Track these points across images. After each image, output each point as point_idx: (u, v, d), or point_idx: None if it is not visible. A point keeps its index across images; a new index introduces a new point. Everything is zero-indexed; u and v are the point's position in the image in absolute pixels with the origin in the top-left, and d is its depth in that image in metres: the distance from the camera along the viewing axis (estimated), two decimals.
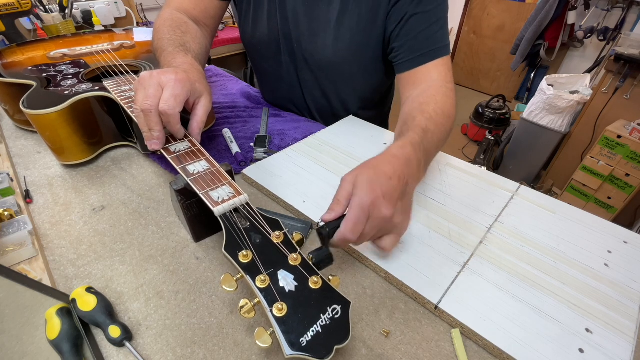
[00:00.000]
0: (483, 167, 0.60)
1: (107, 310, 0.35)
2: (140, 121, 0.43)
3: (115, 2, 1.42)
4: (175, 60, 0.51)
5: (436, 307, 0.37)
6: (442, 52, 0.59)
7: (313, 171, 0.57)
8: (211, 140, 0.66)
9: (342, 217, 0.35)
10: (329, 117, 0.80)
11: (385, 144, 0.66)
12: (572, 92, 1.84)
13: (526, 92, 2.84)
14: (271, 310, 0.28)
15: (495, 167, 2.23)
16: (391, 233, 0.39)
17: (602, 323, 0.36)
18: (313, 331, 0.27)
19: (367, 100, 0.79)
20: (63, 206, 0.51)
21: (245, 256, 0.31)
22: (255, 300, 0.29)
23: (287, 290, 0.29)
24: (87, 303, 0.35)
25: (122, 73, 0.62)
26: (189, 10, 0.68)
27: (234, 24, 2.32)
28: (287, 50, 0.72)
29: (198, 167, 0.41)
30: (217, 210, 0.36)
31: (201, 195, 0.37)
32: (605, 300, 0.39)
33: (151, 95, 0.41)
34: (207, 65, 1.05)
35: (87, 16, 1.34)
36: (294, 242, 0.34)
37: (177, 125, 0.43)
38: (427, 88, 0.57)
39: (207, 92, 0.48)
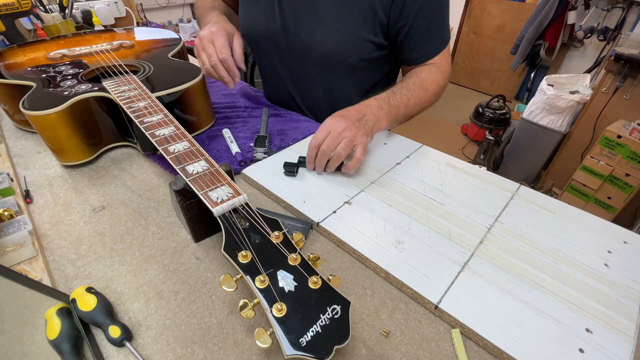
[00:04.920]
0: (483, 167, 0.60)
1: (107, 310, 0.35)
2: (214, 75, 0.62)
3: (115, 2, 1.42)
4: (207, 18, 0.71)
5: (436, 307, 0.37)
6: (440, 48, 0.69)
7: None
8: (211, 140, 0.66)
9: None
10: (330, 114, 0.79)
11: (385, 144, 0.66)
12: (572, 92, 1.84)
13: (526, 92, 2.85)
14: (271, 311, 0.28)
15: (495, 167, 2.23)
16: (352, 157, 0.53)
17: (602, 323, 0.36)
18: (313, 331, 0.27)
19: (369, 93, 0.79)
20: (63, 206, 0.51)
21: (244, 256, 0.31)
22: (255, 301, 0.29)
23: (286, 291, 0.29)
24: (87, 303, 0.35)
25: (121, 73, 0.62)
26: None
27: None
28: (286, 44, 0.72)
29: (197, 167, 0.41)
30: (216, 211, 0.36)
31: (200, 196, 0.37)
32: (605, 300, 0.39)
33: (212, 53, 0.60)
34: None
35: (87, 16, 1.34)
36: (293, 242, 0.34)
37: (233, 65, 0.62)
38: (420, 69, 0.69)
39: (236, 29, 0.67)
